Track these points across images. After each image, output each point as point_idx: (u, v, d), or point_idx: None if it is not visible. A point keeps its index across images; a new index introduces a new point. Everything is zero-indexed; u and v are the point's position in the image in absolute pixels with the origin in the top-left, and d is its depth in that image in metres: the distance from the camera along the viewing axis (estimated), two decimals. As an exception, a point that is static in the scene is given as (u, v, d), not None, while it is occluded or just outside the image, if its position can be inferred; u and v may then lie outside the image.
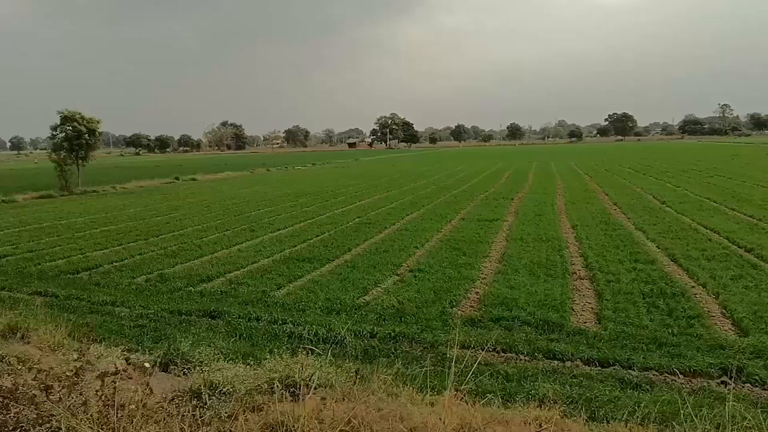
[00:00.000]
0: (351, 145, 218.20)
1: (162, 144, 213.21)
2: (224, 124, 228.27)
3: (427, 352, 7.93)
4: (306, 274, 12.86)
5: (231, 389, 5.59)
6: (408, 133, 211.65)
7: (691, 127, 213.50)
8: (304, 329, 8.91)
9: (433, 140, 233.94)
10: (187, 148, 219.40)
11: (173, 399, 5.76)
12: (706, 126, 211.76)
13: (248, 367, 6.42)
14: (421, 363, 7.21)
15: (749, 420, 4.83)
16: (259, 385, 5.68)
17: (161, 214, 24.59)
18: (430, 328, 8.97)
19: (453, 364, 5.78)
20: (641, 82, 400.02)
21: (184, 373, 6.63)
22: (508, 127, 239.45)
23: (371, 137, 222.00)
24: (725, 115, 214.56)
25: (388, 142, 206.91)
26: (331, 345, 8.08)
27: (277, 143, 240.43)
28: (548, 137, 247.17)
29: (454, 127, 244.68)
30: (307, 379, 5.45)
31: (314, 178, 47.89)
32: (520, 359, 7.78)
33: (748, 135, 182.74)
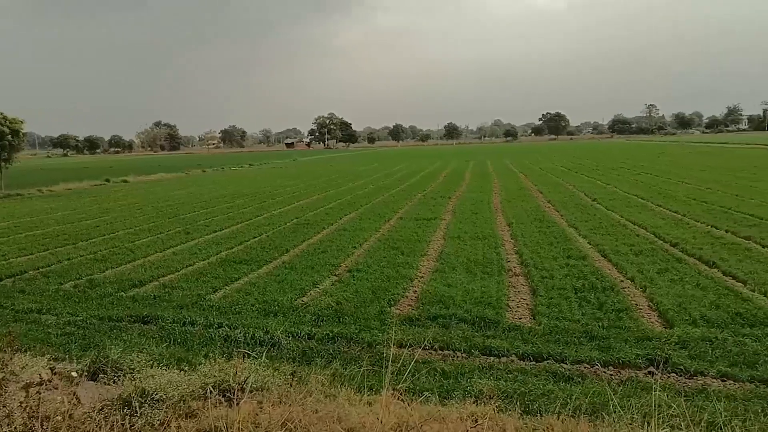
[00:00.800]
0: (289, 145, 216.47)
1: (91, 145, 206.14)
2: (158, 124, 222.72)
3: (365, 352, 7.92)
4: (243, 276, 12.67)
5: (164, 396, 5.44)
6: (346, 133, 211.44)
7: (620, 126, 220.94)
8: (241, 332, 8.76)
9: (371, 140, 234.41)
10: (119, 149, 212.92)
11: (102, 409, 5.56)
12: (633, 125, 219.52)
13: (182, 372, 6.26)
14: (359, 363, 7.20)
15: (674, 408, 5.01)
16: (193, 390, 5.54)
17: (91, 218, 23.77)
18: (368, 327, 8.96)
19: (390, 363, 5.79)
20: (573, 83, 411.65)
21: (114, 382, 6.39)
22: (445, 127, 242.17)
23: (309, 137, 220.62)
24: (652, 114, 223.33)
25: (326, 142, 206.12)
26: (267, 347, 7.98)
27: (213, 144, 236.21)
28: (485, 137, 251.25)
29: (392, 127, 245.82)
30: (243, 383, 5.35)
31: (251, 179, 47.25)
32: (458, 356, 7.86)
33: (673, 134, 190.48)
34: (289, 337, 8.55)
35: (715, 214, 18.70)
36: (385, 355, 7.09)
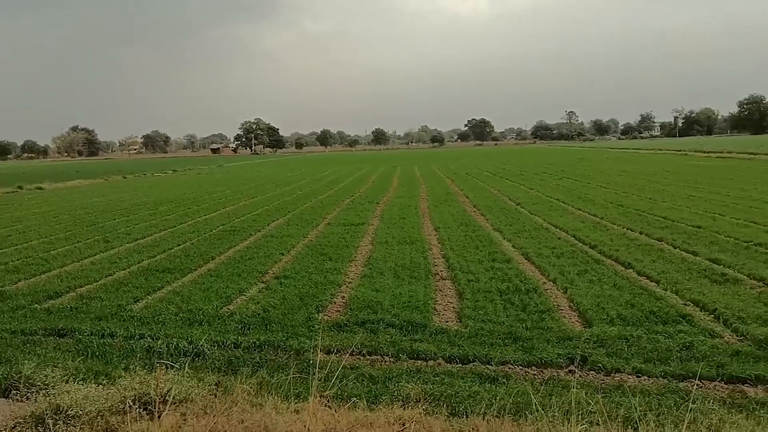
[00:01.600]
0: (214, 150, 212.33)
1: (2, 150, 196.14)
2: (75, 128, 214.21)
3: (292, 359, 7.84)
4: (166, 285, 12.32)
5: (80, 412, 5.23)
6: (273, 138, 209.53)
7: (542, 132, 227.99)
8: (163, 343, 8.50)
9: (299, 145, 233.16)
10: (33, 155, 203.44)
11: (15, 427, 5.31)
12: (555, 131, 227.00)
13: (100, 386, 6.04)
14: (286, 371, 7.13)
15: (593, 405, 5.21)
16: (111, 405, 5.35)
17: (1, 227, 22.59)
18: (296, 334, 8.88)
19: (317, 369, 5.77)
20: (498, 90, 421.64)
21: (27, 398, 6.10)
22: (373, 132, 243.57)
23: (236, 143, 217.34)
24: (572, 121, 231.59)
25: (253, 148, 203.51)
26: (191, 358, 7.77)
27: (135, 149, 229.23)
28: (412, 142, 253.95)
29: (320, 132, 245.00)
30: (164, 395, 5.20)
31: (175, 185, 46.09)
32: (385, 361, 7.89)
33: (592, 140, 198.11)
34: (214, 346, 8.37)
35: (630, 217, 19.52)
36: (312, 361, 7.05)
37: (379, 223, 20.07)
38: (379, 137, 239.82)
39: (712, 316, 9.25)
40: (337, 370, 6.15)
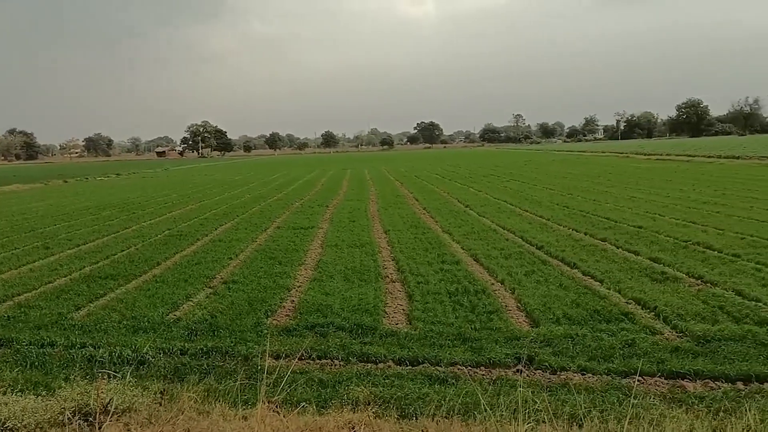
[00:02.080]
0: (160, 154, 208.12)
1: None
2: (12, 131, 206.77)
3: (241, 365, 7.73)
4: (110, 292, 11.99)
5: (17, 425, 5.04)
6: (221, 141, 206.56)
7: (490, 135, 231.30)
8: (106, 351, 8.26)
9: (247, 148, 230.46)
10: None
11: (-54, 443, 5.08)
12: (502, 134, 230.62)
13: (39, 398, 5.83)
14: (234, 377, 7.03)
15: (539, 403, 5.30)
16: (51, 417, 5.18)
17: (-66, 233, 21.61)
18: (244, 340, 8.76)
19: (265, 375, 5.70)
20: (447, 93, 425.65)
21: (-40, 413, 5.84)
22: (322, 135, 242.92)
23: (182, 146, 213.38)
24: (519, 124, 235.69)
25: (200, 151, 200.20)
26: (135, 366, 7.59)
27: (76, 152, 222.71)
28: (361, 145, 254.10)
29: (269, 135, 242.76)
30: (106, 405, 5.06)
31: (119, 189, 44.99)
32: (335, 364, 7.85)
33: (538, 142, 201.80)
34: (159, 353, 8.18)
35: (575, 218, 19.97)
36: (260, 367, 6.96)
37: (329, 227, 20.00)
38: (328, 140, 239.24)
39: (653, 313, 9.53)
40: (286, 374, 6.09)
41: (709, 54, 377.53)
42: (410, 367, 7.72)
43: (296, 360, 7.50)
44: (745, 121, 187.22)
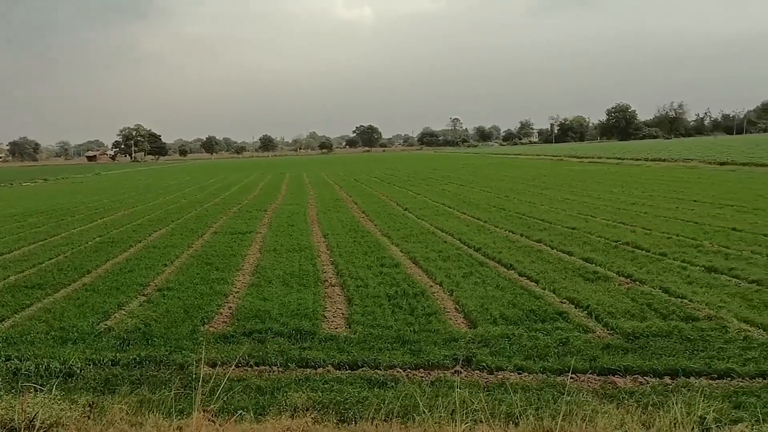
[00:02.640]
0: (91, 158, 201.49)
1: None
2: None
3: (175, 374, 7.53)
4: (36, 302, 11.50)
5: (-67, 445, 4.77)
6: (155, 145, 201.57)
7: (428, 138, 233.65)
8: (32, 364, 7.91)
9: (183, 152, 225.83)
10: None
11: None
12: (441, 138, 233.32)
13: (-41, 415, 5.53)
14: (169, 387, 6.84)
15: (476, 404, 5.36)
16: (-29, 435, 4.92)
17: None
18: (179, 348, 8.54)
19: (200, 383, 5.58)
20: (385, 97, 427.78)
21: None
22: (260, 139, 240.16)
23: (114, 150, 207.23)
24: (456, 128, 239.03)
25: (133, 155, 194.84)
26: (63, 378, 7.30)
27: (0, 157, 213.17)
28: (300, 149, 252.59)
29: (205, 139, 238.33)
30: (31, 420, 4.84)
31: (47, 195, 43.30)
32: (274, 371, 7.75)
33: (476, 146, 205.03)
34: (89, 365, 7.88)
35: (512, 220, 20.37)
36: (195, 375, 6.81)
37: (268, 231, 19.77)
38: (266, 144, 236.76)
39: (586, 312, 9.79)
40: (223, 382, 5.98)
41: (637, 61, 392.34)
42: (349, 371, 7.69)
43: (233, 367, 7.37)
44: (670, 125, 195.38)
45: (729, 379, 7.05)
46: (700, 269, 12.27)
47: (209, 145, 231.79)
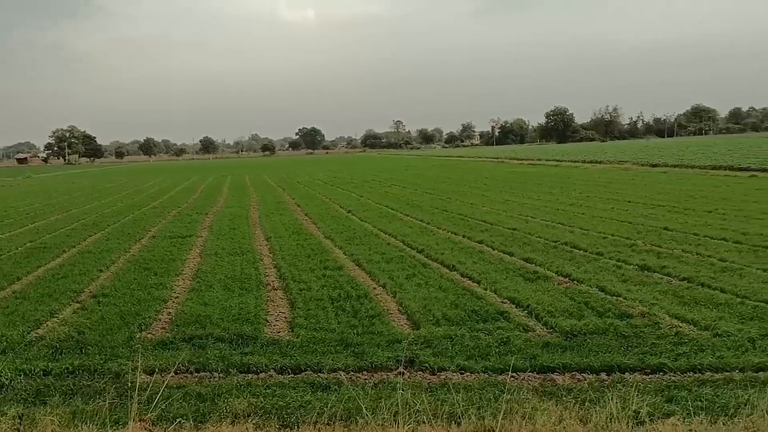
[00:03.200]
0: (21, 161, 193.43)
1: None
2: None
3: (111, 383, 7.28)
4: (-39, 311, 10.96)
5: None
6: (90, 147, 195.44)
7: (371, 141, 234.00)
8: (-43, 377, 7.54)
9: (120, 155, 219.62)
10: None
11: None
12: (384, 140, 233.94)
13: None
14: (104, 396, 6.62)
15: (419, 405, 5.38)
16: None
17: None
18: (115, 356, 8.28)
19: (137, 392, 5.42)
20: (328, 99, 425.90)
21: None
22: (201, 141, 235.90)
23: (46, 152, 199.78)
24: (399, 130, 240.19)
25: (66, 158, 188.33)
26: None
27: None
28: (242, 151, 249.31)
29: (143, 141, 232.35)
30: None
31: (-26, 199, 41.40)
32: (214, 377, 7.60)
33: (419, 148, 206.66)
34: (19, 375, 7.55)
35: (454, 221, 20.60)
36: (132, 384, 6.61)
37: (208, 235, 19.42)
38: (207, 146, 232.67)
39: (526, 311, 9.97)
40: (160, 390, 5.82)
41: (574, 66, 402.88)
42: (292, 375, 7.61)
43: (172, 374, 7.18)
44: (605, 128, 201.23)
45: (661, 373, 7.31)
46: (634, 268, 12.67)
47: (147, 147, 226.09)
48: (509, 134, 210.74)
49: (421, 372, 7.58)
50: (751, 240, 15.05)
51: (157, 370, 7.62)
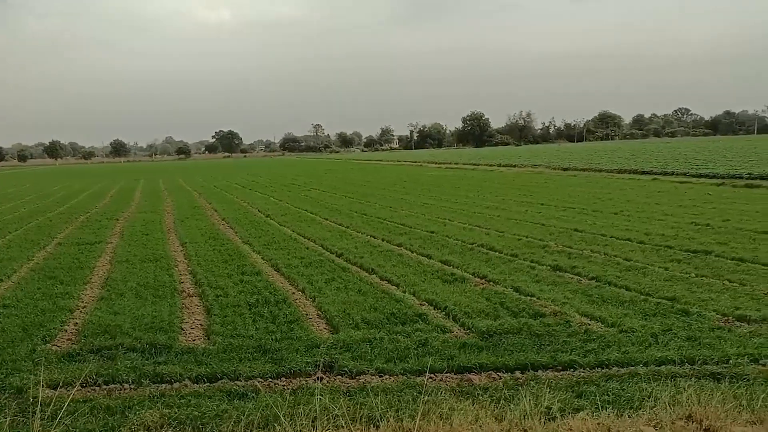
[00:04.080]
0: None
1: None
2: None
3: (12, 399, 6.88)
4: None
5: None
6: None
7: (290, 144, 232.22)
8: None
9: (23, 158, 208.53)
10: None
11: None
12: (303, 144, 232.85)
13: None
14: (5, 413, 6.24)
15: (338, 409, 5.35)
16: None
17: None
18: (17, 370, 7.83)
19: (39, 407, 5.14)
20: (246, 102, 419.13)
21: None
22: (112, 144, 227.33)
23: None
24: (318, 134, 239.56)
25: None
26: None
27: None
28: (156, 154, 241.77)
29: (48, 144, 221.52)
30: None
31: None
32: (125, 389, 7.30)
33: (338, 152, 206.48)
34: None
35: (373, 225, 20.69)
36: (34, 399, 6.26)
37: (119, 241, 18.70)
38: (118, 149, 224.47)
39: (444, 313, 10.12)
40: (65, 404, 5.54)
41: (489, 73, 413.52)
42: (208, 384, 7.42)
43: (79, 388, 6.86)
44: (520, 132, 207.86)
45: (572, 370, 7.57)
46: (547, 268, 13.10)
47: (53, 150, 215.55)
48: (427, 138, 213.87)
49: (340, 376, 7.56)
50: (654, 240, 15.87)
51: (61, 383, 7.24)
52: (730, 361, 7.54)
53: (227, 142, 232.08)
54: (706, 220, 19.02)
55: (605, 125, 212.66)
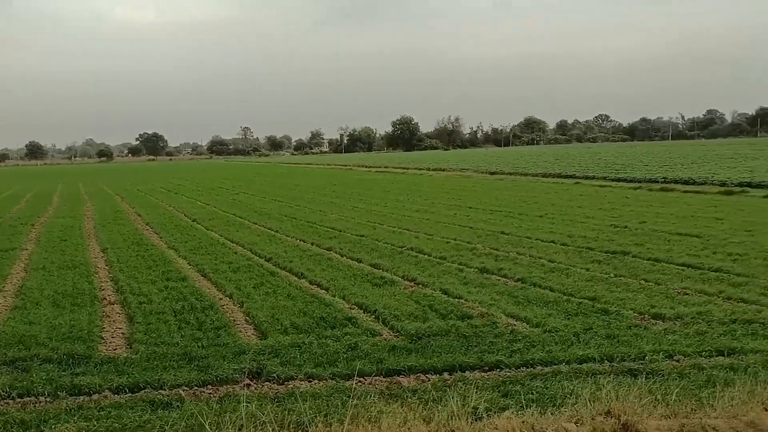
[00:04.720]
0: None
1: None
2: None
3: None
4: None
5: None
6: None
7: (218, 147, 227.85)
8: None
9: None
10: None
11: None
12: (231, 147, 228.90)
13: None
14: None
15: (265, 416, 5.27)
16: None
17: None
18: None
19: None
20: (172, 104, 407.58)
21: None
22: (27, 146, 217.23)
23: None
24: (247, 137, 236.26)
25: None
26: None
27: None
28: (75, 157, 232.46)
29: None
30: None
31: None
32: (41, 401, 6.97)
33: (267, 155, 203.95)
34: None
35: (303, 229, 20.55)
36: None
37: (35, 248, 17.87)
38: (34, 151, 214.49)
39: (374, 316, 10.13)
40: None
41: (418, 77, 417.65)
42: (130, 394, 7.16)
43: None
44: (448, 137, 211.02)
45: (498, 370, 7.73)
46: (475, 270, 13.33)
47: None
48: (357, 142, 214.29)
49: (268, 382, 7.45)
50: (576, 242, 16.41)
51: (-28, 398, 6.86)
52: (647, 358, 7.88)
53: (152, 144, 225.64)
54: (625, 223, 19.82)
55: (531, 130, 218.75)
